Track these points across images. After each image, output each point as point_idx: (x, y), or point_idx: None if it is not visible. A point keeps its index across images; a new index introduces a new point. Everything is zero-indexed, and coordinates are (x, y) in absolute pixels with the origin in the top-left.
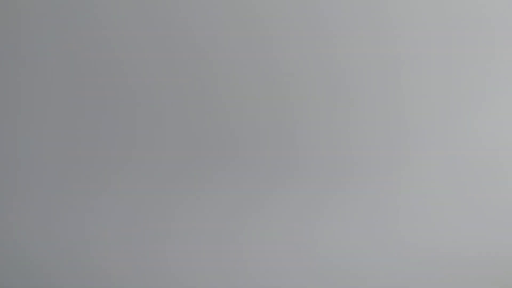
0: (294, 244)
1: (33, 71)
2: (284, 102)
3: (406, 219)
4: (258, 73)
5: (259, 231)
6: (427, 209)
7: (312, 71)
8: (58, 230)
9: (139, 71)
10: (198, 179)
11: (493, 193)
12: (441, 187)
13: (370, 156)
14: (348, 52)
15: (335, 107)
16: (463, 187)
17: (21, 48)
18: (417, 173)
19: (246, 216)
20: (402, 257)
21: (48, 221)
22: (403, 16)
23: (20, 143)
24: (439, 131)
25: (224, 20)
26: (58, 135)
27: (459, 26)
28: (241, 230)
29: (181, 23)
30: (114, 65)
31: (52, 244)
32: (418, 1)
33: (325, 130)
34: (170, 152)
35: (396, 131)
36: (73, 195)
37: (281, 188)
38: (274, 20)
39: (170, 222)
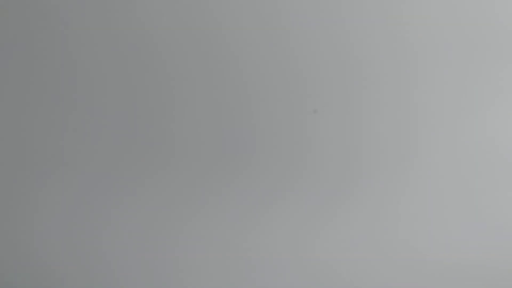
0: (298, 251)
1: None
2: (293, 111)
3: (411, 225)
4: (267, 82)
5: (264, 238)
6: (433, 214)
7: (325, 77)
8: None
9: (146, 78)
10: (211, 184)
11: (501, 199)
12: (447, 193)
13: (376, 163)
14: (360, 56)
15: (344, 117)
16: (469, 191)
17: (21, 51)
18: (424, 179)
19: (254, 221)
20: (406, 263)
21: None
22: (417, 18)
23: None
24: (446, 136)
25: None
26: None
27: (470, 28)
28: (248, 237)
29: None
30: (120, 70)
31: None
32: (433, 4)
33: (332, 138)
34: (184, 163)
35: (404, 138)
36: (92, 206)
37: (286, 197)
38: (291, 21)
39: (182, 230)
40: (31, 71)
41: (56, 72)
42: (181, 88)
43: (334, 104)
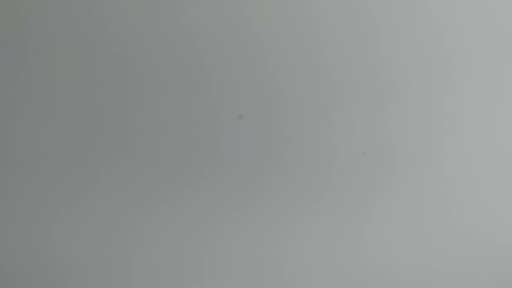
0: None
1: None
2: (320, 113)
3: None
4: (290, 87)
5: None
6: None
7: (347, 83)
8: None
9: (146, 82)
10: (240, 192)
11: None
12: (463, 194)
13: (401, 167)
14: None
15: (371, 122)
16: (487, 191)
17: (19, 50)
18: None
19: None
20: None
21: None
22: (440, 19)
23: (17, 145)
24: (466, 138)
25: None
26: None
27: (488, 29)
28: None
29: (180, 27)
30: (116, 72)
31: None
32: (455, 5)
33: (359, 137)
34: (214, 171)
35: (431, 140)
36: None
37: (312, 205)
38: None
39: (207, 242)
40: (45, 75)
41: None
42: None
43: (361, 108)
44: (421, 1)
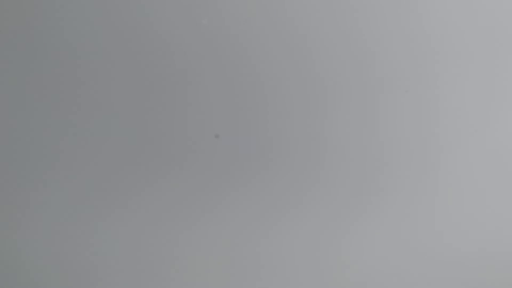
0: (313, 256)
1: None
2: (315, 115)
3: (432, 229)
4: (282, 83)
5: (277, 243)
6: (456, 219)
7: (343, 79)
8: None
9: (152, 79)
10: (224, 188)
11: None
12: (468, 199)
13: (396, 167)
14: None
15: (362, 119)
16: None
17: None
18: (448, 182)
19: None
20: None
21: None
22: (443, 21)
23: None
24: (471, 139)
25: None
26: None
27: (497, 31)
28: (260, 241)
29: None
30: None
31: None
32: (462, 10)
33: (351, 140)
34: (196, 165)
35: (426, 141)
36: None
37: (302, 202)
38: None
39: (190, 235)
40: (32, 71)
41: (57, 72)
42: (191, 87)
43: (352, 106)
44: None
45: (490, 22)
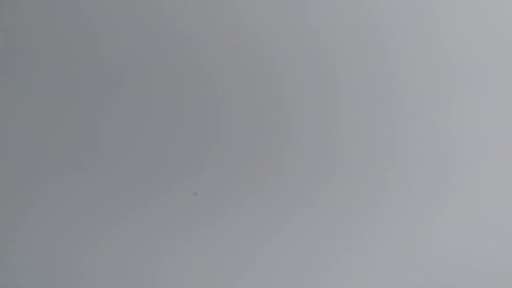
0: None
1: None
2: (323, 115)
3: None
4: (291, 87)
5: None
6: (469, 232)
7: (356, 86)
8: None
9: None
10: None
11: None
12: (480, 211)
13: (403, 178)
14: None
15: (378, 121)
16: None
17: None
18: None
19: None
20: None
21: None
22: (447, 21)
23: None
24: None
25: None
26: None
27: (497, 33)
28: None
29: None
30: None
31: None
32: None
33: (367, 137)
34: (200, 169)
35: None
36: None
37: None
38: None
39: (190, 240)
40: (35, 72)
41: (60, 73)
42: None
43: (365, 115)
44: (428, 4)
45: (503, 27)
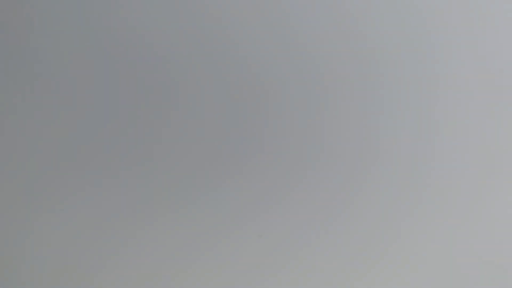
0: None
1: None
2: (309, 114)
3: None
4: (276, 79)
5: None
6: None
7: (341, 77)
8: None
9: (147, 79)
10: (207, 183)
11: None
12: (458, 200)
13: (384, 167)
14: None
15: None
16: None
17: (21, 50)
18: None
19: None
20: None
21: None
22: (433, 18)
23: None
24: (463, 139)
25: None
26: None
27: (483, 30)
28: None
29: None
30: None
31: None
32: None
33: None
34: (183, 161)
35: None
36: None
37: (285, 198)
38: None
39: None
40: (32, 74)
41: (57, 76)
42: (183, 86)
43: (345, 102)
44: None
45: (490, 25)
